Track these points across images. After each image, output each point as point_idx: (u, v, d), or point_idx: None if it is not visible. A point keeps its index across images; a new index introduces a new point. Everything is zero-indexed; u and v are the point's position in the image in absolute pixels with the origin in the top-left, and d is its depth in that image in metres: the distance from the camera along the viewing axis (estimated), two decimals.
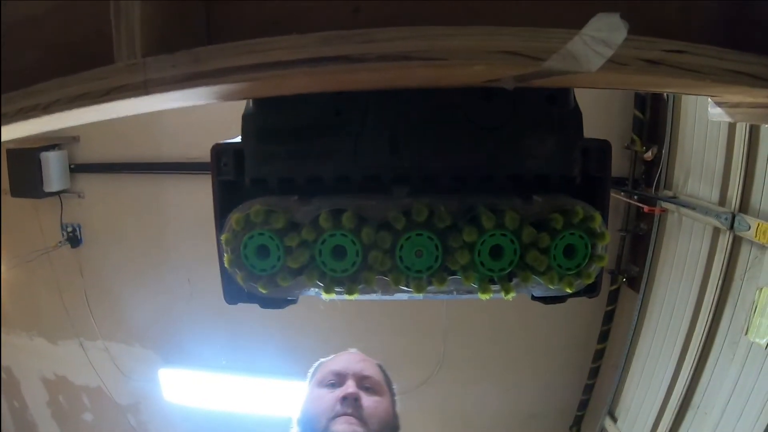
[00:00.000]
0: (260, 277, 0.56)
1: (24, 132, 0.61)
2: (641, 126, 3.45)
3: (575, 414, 4.26)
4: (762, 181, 2.42)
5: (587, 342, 4.02)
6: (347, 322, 3.71)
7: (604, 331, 3.92)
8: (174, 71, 0.43)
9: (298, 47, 0.39)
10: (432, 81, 0.48)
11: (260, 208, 0.54)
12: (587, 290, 0.63)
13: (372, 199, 0.55)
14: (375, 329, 3.80)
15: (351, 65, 0.38)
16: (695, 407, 2.79)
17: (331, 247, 0.54)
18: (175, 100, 0.51)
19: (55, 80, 0.49)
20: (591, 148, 0.60)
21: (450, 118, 0.57)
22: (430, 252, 0.54)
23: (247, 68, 0.40)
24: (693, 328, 2.81)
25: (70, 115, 0.51)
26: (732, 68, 0.43)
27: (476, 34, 0.37)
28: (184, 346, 3.69)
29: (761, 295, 2.35)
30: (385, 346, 3.87)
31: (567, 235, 0.55)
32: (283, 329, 3.48)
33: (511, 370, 4.16)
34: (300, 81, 0.43)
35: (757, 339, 2.36)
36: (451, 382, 4.17)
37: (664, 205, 3.15)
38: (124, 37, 0.46)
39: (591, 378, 4.09)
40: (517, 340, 4.08)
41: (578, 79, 0.47)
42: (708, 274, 2.74)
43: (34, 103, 0.50)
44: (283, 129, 0.56)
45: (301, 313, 1.13)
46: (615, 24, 0.34)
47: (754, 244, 2.42)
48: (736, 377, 2.48)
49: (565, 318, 3.99)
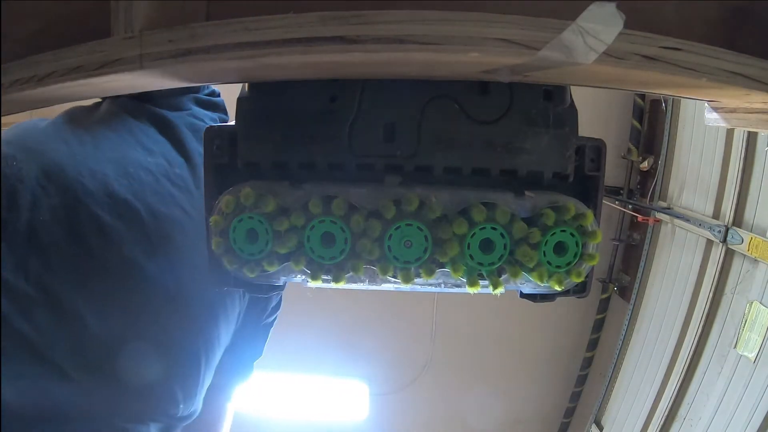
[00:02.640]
0: (247, 261, 0.55)
1: (19, 107, 0.61)
2: (638, 136, 3.47)
3: (561, 421, 4.27)
4: (756, 196, 2.43)
5: (576, 350, 4.03)
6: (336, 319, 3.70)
7: (593, 340, 3.93)
8: (170, 46, 0.42)
9: (294, 26, 0.39)
10: (427, 69, 0.48)
11: (251, 192, 0.54)
12: (577, 289, 0.63)
13: (363, 187, 0.55)
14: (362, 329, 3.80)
15: (346, 46, 0.38)
16: (681, 418, 2.80)
17: (320, 233, 0.54)
18: (170, 78, 0.50)
19: (50, 52, 0.49)
20: (586, 147, 0.60)
21: (445, 110, 0.57)
22: (419, 243, 0.54)
23: (243, 46, 0.40)
24: (682, 339, 2.83)
25: (65, 89, 0.51)
26: (728, 68, 0.43)
27: (473, 21, 0.37)
28: None
29: (751, 308, 2.36)
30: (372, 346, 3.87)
31: (558, 231, 0.55)
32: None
33: (499, 375, 4.17)
34: (295, 62, 0.42)
35: (746, 353, 2.37)
36: (437, 385, 4.17)
37: (658, 216, 3.16)
38: (122, 11, 0.46)
39: (578, 386, 4.10)
40: (506, 345, 4.08)
41: (575, 74, 0.47)
42: (699, 286, 2.75)
43: (30, 75, 0.50)
44: (277, 113, 0.56)
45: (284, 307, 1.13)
46: (610, 15, 0.34)
47: (747, 257, 2.43)
48: (724, 389, 2.49)
49: (554, 325, 4.00)
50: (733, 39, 0.51)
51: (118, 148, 0.84)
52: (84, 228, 0.74)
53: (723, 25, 0.51)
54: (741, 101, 0.55)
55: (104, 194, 0.77)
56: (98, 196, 0.76)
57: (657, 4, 0.51)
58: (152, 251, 0.79)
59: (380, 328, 3.84)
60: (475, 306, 3.84)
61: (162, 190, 0.84)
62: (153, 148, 0.87)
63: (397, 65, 0.45)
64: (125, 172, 0.81)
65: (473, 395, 4.08)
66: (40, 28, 0.54)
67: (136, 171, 0.82)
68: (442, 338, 4.02)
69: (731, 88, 0.45)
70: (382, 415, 4.09)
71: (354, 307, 3.66)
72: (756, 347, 2.30)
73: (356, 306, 3.67)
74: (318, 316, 3.39)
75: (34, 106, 0.63)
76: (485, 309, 3.84)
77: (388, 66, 0.46)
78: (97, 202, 0.75)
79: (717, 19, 0.51)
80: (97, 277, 0.75)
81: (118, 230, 0.76)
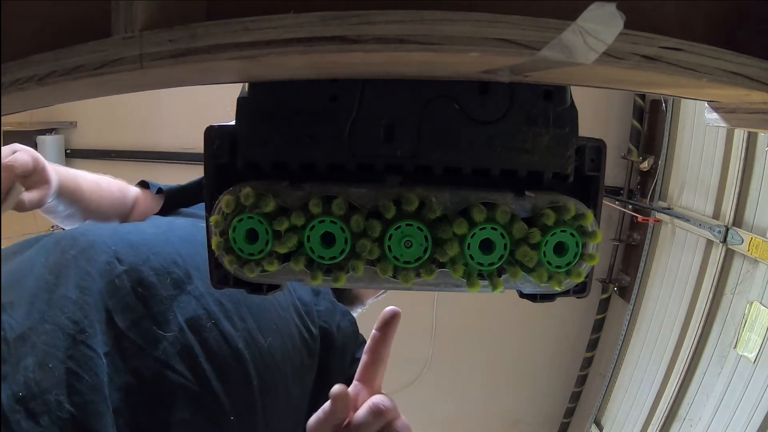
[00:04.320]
0: (247, 261, 0.55)
1: (19, 107, 0.61)
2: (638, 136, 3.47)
3: (561, 421, 4.27)
4: (756, 196, 2.43)
5: (576, 350, 4.04)
6: None
7: (593, 340, 3.93)
8: (170, 46, 0.42)
9: (294, 26, 0.39)
10: (427, 69, 0.48)
11: (251, 191, 0.54)
12: (577, 289, 0.63)
13: (363, 187, 0.55)
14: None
15: (346, 46, 0.38)
16: (681, 418, 2.80)
17: (319, 233, 0.54)
18: (170, 78, 0.50)
19: (50, 52, 0.49)
20: (586, 147, 0.60)
21: (445, 110, 0.57)
22: (419, 243, 0.54)
23: (243, 46, 0.40)
24: (682, 339, 2.83)
25: (65, 89, 0.51)
26: (728, 69, 0.43)
27: (474, 21, 0.37)
28: None
29: (751, 309, 2.36)
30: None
31: (558, 231, 0.55)
32: None
33: (499, 375, 4.17)
34: (295, 62, 0.42)
35: (746, 353, 2.38)
36: (437, 384, 4.17)
37: (658, 216, 3.16)
38: (122, 11, 0.46)
39: (578, 386, 4.11)
40: (506, 345, 4.08)
41: (575, 74, 0.47)
42: (699, 286, 2.75)
43: (30, 75, 0.50)
44: (277, 113, 0.56)
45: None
46: (611, 15, 0.33)
47: (747, 258, 2.44)
48: (724, 390, 2.49)
49: (554, 325, 4.00)
50: (733, 39, 0.51)
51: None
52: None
53: (723, 25, 0.51)
54: (741, 101, 0.55)
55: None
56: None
57: (657, 4, 0.51)
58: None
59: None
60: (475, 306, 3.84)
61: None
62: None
63: (397, 65, 0.45)
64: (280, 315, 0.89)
65: (473, 395, 4.08)
66: (40, 28, 0.54)
67: (287, 315, 0.92)
68: (442, 338, 4.02)
69: (731, 88, 0.45)
70: None
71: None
72: (756, 347, 2.30)
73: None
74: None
75: (34, 106, 0.63)
76: (485, 309, 3.84)
77: (389, 66, 0.46)
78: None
79: (717, 19, 0.51)
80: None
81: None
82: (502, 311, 3.82)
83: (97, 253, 0.82)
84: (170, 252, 0.86)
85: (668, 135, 3.11)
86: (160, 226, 0.96)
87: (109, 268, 0.80)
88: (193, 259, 0.87)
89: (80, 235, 0.86)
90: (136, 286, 0.80)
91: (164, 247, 0.87)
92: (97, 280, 0.78)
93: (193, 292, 0.84)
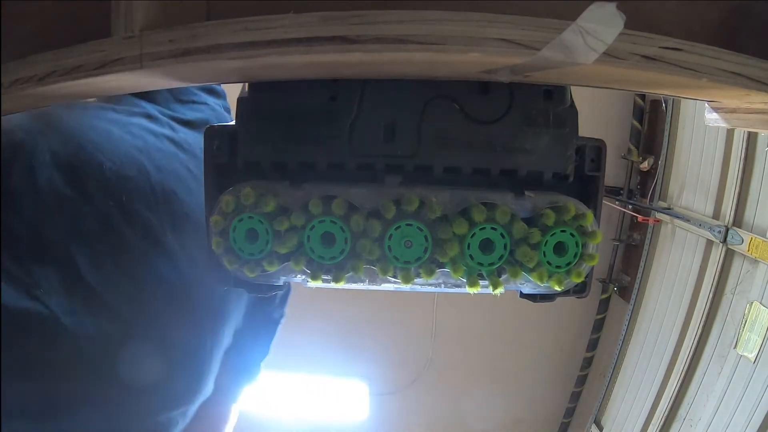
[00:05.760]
0: (247, 261, 0.56)
1: (19, 107, 0.61)
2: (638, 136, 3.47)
3: (561, 421, 4.27)
4: (756, 196, 2.43)
5: (576, 350, 4.04)
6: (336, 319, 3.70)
7: (594, 340, 3.93)
8: (170, 46, 0.42)
9: (294, 26, 0.39)
10: (427, 69, 0.48)
11: (251, 191, 0.54)
12: (576, 290, 0.63)
13: (363, 187, 0.55)
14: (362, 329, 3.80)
15: (346, 46, 0.38)
16: (681, 418, 2.80)
17: (320, 233, 0.54)
18: (170, 78, 0.50)
19: (50, 52, 0.49)
20: (586, 147, 0.60)
21: (445, 110, 0.57)
22: (419, 243, 0.54)
23: (243, 46, 0.40)
24: (682, 339, 2.83)
25: (65, 89, 0.51)
26: (728, 69, 0.43)
27: (473, 21, 0.37)
28: None
29: (751, 309, 2.36)
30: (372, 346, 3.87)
31: (558, 231, 0.55)
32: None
33: (499, 375, 4.17)
34: (295, 62, 0.42)
35: (746, 353, 2.38)
36: (437, 385, 4.17)
37: (658, 216, 3.16)
38: (122, 11, 0.46)
39: (578, 386, 4.11)
40: (506, 345, 4.08)
41: (575, 74, 0.47)
42: (699, 286, 2.75)
43: (30, 75, 0.50)
44: (277, 113, 0.56)
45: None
46: (611, 15, 0.34)
47: (747, 258, 2.43)
48: (724, 389, 2.49)
49: (554, 325, 4.00)
50: (733, 39, 0.51)
51: (120, 115, 0.85)
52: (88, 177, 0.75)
53: (723, 25, 0.51)
54: (741, 101, 0.55)
55: (108, 144, 0.77)
56: (103, 146, 0.77)
57: (657, 4, 0.51)
58: (155, 204, 0.79)
59: (380, 328, 3.84)
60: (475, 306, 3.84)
61: (166, 149, 0.86)
62: (158, 116, 0.89)
63: (397, 65, 0.45)
64: (129, 132, 0.81)
65: (473, 395, 4.08)
66: (40, 28, 0.54)
67: (139, 131, 0.83)
68: (442, 338, 4.02)
69: (731, 88, 0.45)
70: (382, 415, 4.10)
71: (354, 307, 3.66)
72: (756, 347, 2.30)
73: (356, 306, 3.67)
74: (318, 316, 3.39)
75: (34, 106, 0.63)
76: (485, 309, 3.84)
77: (389, 66, 0.46)
78: (100, 150, 0.76)
79: (717, 19, 0.51)
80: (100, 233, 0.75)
81: (123, 180, 0.77)
82: (502, 311, 3.81)
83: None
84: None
85: (668, 135, 3.11)
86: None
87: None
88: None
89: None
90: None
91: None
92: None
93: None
